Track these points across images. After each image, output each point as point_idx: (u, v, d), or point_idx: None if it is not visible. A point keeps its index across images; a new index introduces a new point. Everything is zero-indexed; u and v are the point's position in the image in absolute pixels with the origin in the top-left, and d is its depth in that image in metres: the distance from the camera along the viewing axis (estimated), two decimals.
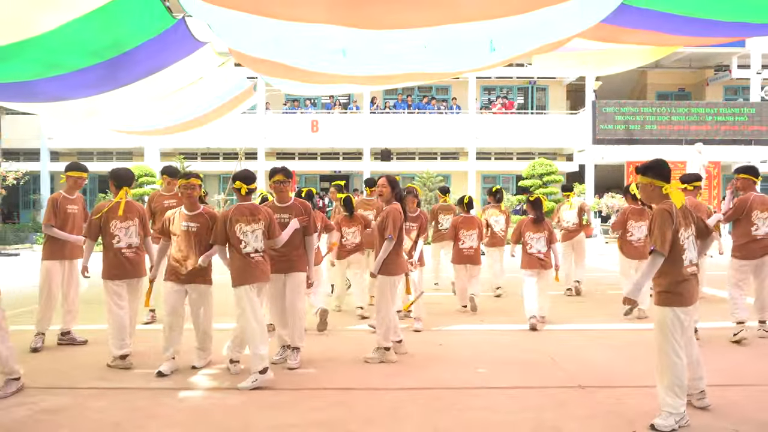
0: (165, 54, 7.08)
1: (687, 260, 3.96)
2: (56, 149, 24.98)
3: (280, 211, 5.36)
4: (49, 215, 6.22)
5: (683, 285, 3.92)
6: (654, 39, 8.28)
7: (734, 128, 22.81)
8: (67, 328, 6.33)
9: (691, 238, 4.01)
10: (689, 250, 3.98)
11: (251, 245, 4.91)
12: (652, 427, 3.78)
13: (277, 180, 5.43)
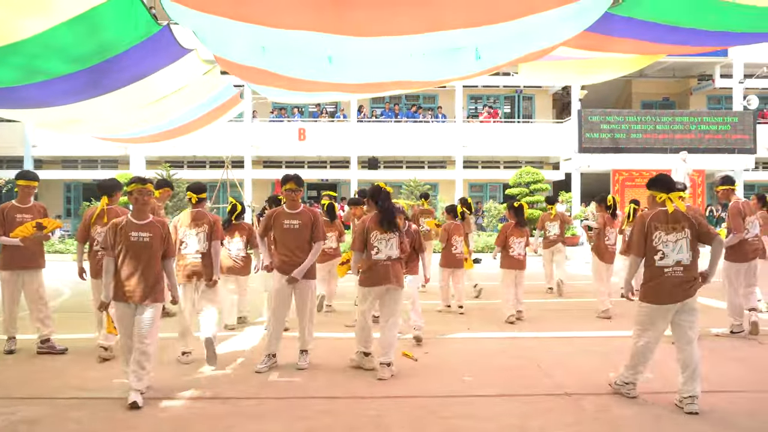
0: (150, 61, 7.03)
1: (664, 261, 4.35)
2: (40, 157, 24.74)
3: (290, 217, 5.49)
4: None
5: (655, 283, 4.37)
6: (639, 48, 8.36)
7: (718, 137, 23.06)
8: (45, 336, 6.23)
9: (680, 242, 4.35)
10: (671, 251, 4.34)
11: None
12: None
13: (289, 188, 5.54)
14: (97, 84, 7.21)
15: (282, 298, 5.53)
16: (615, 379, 4.68)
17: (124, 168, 24.21)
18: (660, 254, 4.36)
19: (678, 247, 4.35)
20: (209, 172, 24.40)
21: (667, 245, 4.35)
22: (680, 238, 4.36)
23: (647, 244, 4.41)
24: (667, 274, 4.34)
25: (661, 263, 4.36)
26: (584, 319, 7.92)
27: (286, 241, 5.47)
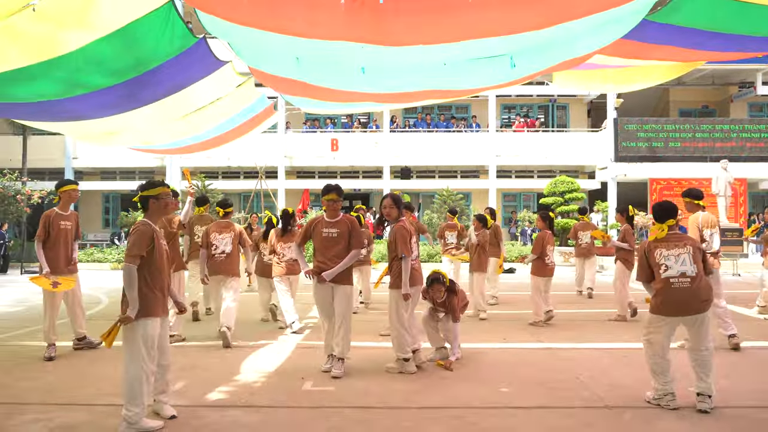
0: (186, 73, 7.14)
1: (669, 272, 4.58)
2: (80, 168, 25.37)
3: (329, 225, 5.73)
4: (41, 231, 6.44)
5: (663, 296, 4.57)
6: (677, 54, 8.18)
7: (760, 145, 22.44)
8: (81, 333, 6.67)
9: (682, 256, 4.61)
10: (674, 263, 4.58)
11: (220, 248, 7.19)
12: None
13: (330, 198, 5.81)
14: (134, 97, 7.34)
15: (322, 302, 5.73)
16: (651, 396, 4.62)
17: (160, 179, 24.64)
18: (664, 267, 4.61)
19: (681, 260, 4.60)
20: (243, 183, 24.69)
21: (669, 259, 4.61)
22: (682, 253, 4.62)
23: (650, 263, 4.70)
24: (674, 285, 4.55)
25: (666, 274, 4.58)
26: (622, 329, 7.74)
27: (324, 249, 5.67)
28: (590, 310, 9.56)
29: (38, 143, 23.97)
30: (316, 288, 5.72)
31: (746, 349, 6.57)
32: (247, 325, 8.30)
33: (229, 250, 7.24)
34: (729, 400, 4.64)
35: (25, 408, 4.58)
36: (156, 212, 4.42)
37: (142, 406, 4.07)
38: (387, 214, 5.88)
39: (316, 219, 5.87)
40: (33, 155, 23.20)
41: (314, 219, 5.89)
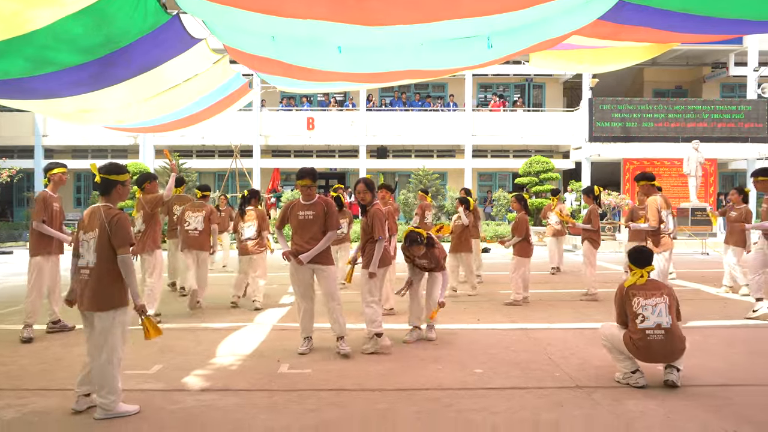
0: (159, 51, 7.01)
1: (646, 324, 4.58)
2: (50, 146, 24.85)
3: (305, 208, 5.72)
4: (40, 212, 6.51)
5: (636, 344, 4.58)
6: (652, 36, 8.24)
7: (731, 125, 22.81)
8: (56, 317, 6.69)
9: (659, 306, 4.62)
10: (651, 315, 4.60)
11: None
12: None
13: (304, 184, 5.71)
14: (107, 75, 7.19)
15: (299, 284, 5.75)
16: (620, 376, 4.75)
17: (133, 157, 24.29)
18: (641, 318, 4.62)
19: (657, 311, 4.62)
20: (218, 161, 24.45)
21: (647, 308, 4.63)
22: (659, 303, 4.65)
23: (627, 310, 4.71)
24: (650, 337, 4.56)
25: (643, 326, 4.59)
26: (593, 309, 7.89)
27: (300, 231, 5.68)
28: (562, 291, 9.71)
29: (6, 120, 23.40)
30: (294, 270, 5.73)
31: (712, 328, 6.75)
32: (224, 307, 8.27)
33: (201, 227, 8.15)
34: (695, 378, 4.77)
35: None
36: (118, 198, 4.32)
37: (119, 392, 4.06)
38: (361, 198, 5.92)
39: (292, 202, 5.88)
40: (1, 132, 22.67)
41: (291, 202, 5.90)
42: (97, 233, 4.12)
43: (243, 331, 6.74)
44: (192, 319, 7.46)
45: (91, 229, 4.15)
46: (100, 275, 4.10)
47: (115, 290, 4.11)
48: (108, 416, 4.01)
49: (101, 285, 4.09)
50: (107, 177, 4.25)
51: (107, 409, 4.01)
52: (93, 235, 4.13)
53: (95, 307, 4.09)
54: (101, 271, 4.10)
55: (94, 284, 4.10)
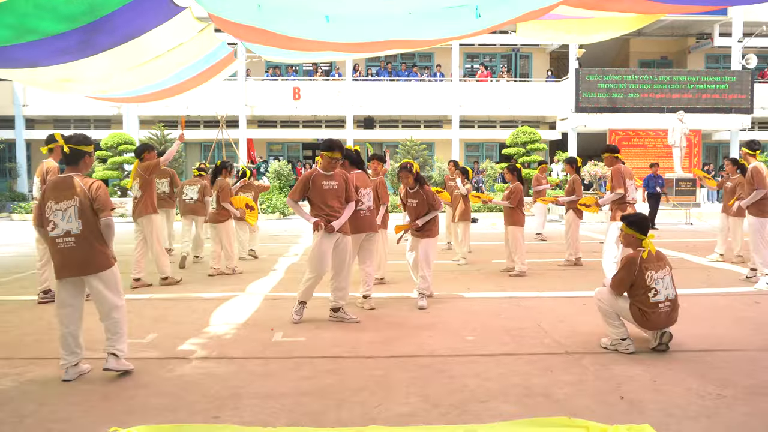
0: (143, 19, 6.90)
1: (658, 298, 4.63)
2: (32, 116, 24.42)
3: (328, 179, 5.79)
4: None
5: (645, 316, 4.63)
6: (638, 6, 8.23)
7: (715, 96, 22.95)
8: (47, 287, 6.65)
9: (666, 279, 4.71)
10: (662, 289, 4.66)
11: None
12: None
13: (334, 157, 5.75)
14: (89, 43, 7.07)
15: (327, 253, 5.74)
16: (607, 342, 4.84)
17: (117, 127, 23.97)
18: (654, 291, 4.64)
19: (665, 283, 4.69)
20: (204, 132, 24.20)
21: (658, 282, 4.66)
22: (666, 275, 4.73)
23: (637, 282, 4.67)
24: (661, 310, 4.64)
25: (656, 299, 4.64)
26: (581, 278, 8.02)
27: (327, 200, 5.72)
28: (551, 260, 9.83)
29: None
30: (325, 238, 5.67)
31: (697, 296, 6.89)
32: (216, 278, 8.30)
33: (196, 197, 9.58)
34: (681, 344, 4.89)
35: None
36: (85, 168, 4.42)
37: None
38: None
39: (312, 173, 5.80)
40: None
41: (309, 173, 5.82)
42: (77, 201, 4.20)
43: (235, 300, 6.78)
44: (184, 289, 7.48)
45: (65, 198, 4.21)
46: (90, 240, 4.21)
47: (106, 249, 4.31)
48: (119, 368, 4.22)
49: (94, 248, 4.23)
50: (76, 147, 4.36)
51: (121, 356, 4.25)
52: (71, 204, 4.20)
53: (94, 269, 4.22)
54: (90, 236, 4.22)
55: (87, 249, 4.20)
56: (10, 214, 19.98)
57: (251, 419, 3.49)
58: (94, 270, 4.23)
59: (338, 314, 5.83)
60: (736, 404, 3.69)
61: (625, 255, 4.90)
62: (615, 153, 7.81)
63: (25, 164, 23.99)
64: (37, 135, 24.45)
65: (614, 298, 4.79)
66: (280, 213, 19.16)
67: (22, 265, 9.41)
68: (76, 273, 4.23)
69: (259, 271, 8.63)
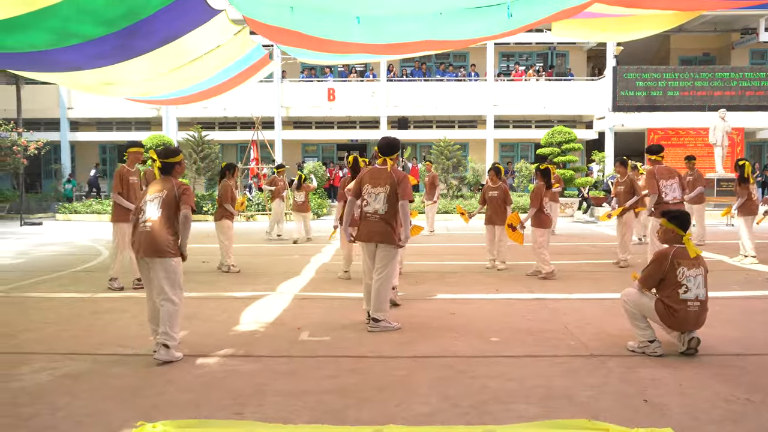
0: (180, 22, 7.07)
1: (688, 296, 4.58)
2: (76, 119, 25.18)
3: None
4: (117, 185, 7.46)
5: (673, 313, 4.58)
6: (678, 3, 8.08)
7: (760, 93, 22.26)
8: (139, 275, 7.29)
9: (699, 278, 4.63)
10: (693, 287, 4.60)
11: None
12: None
13: (396, 156, 5.72)
14: (128, 47, 7.29)
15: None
16: (635, 345, 4.79)
17: (156, 129, 24.53)
18: (684, 288, 4.59)
19: (697, 282, 4.62)
20: (240, 133, 24.60)
21: (690, 280, 4.60)
22: (699, 274, 4.65)
23: (668, 276, 4.62)
24: (690, 308, 4.58)
25: (686, 296, 4.59)
26: (610, 280, 7.90)
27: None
28: (582, 261, 9.72)
29: (32, 93, 23.72)
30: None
31: (730, 298, 6.73)
32: (248, 276, 8.46)
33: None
34: (711, 347, 4.80)
35: (30, 357, 4.73)
36: (176, 175, 5.01)
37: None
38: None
39: (364, 172, 5.81)
40: (27, 105, 22.99)
41: (363, 172, 5.83)
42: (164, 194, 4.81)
43: (265, 299, 6.90)
44: (216, 287, 7.64)
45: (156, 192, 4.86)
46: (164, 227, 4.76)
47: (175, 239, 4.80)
48: (169, 357, 4.58)
49: (170, 237, 4.75)
50: (166, 161, 4.98)
51: (172, 346, 4.64)
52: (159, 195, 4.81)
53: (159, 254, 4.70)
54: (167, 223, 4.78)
55: (173, 237, 4.77)
56: (54, 214, 20.64)
57: (273, 416, 3.56)
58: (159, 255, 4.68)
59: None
60: (765, 409, 3.61)
61: (658, 250, 4.84)
62: (652, 155, 8.01)
63: (69, 166, 24.74)
64: (82, 137, 25.21)
65: (640, 295, 4.73)
66: (314, 214, 19.34)
67: (64, 264, 9.74)
68: (147, 254, 4.70)
69: (290, 272, 8.75)
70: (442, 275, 8.37)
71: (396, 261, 5.70)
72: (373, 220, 5.52)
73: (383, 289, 5.51)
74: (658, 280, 4.66)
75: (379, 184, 5.53)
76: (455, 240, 13.09)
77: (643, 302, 4.73)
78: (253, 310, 6.40)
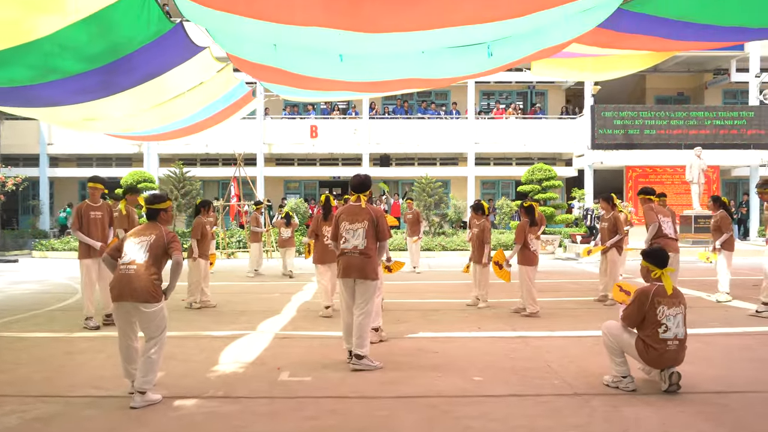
0: (163, 59, 7.08)
1: (667, 336, 4.57)
2: (56, 155, 24.97)
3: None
4: (75, 221, 7.34)
5: (652, 352, 4.58)
6: (652, 44, 8.29)
7: (733, 132, 22.76)
8: (109, 311, 7.38)
9: (678, 317, 4.62)
10: (673, 326, 4.59)
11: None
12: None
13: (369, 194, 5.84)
14: (110, 83, 7.27)
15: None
16: (609, 379, 4.82)
17: (138, 165, 24.39)
18: (664, 327, 4.59)
19: (677, 322, 4.62)
20: (222, 170, 24.54)
21: (670, 319, 4.60)
22: (678, 313, 4.64)
23: (648, 316, 4.62)
24: (669, 347, 4.59)
25: (665, 336, 4.58)
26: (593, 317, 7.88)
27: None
28: (564, 299, 9.72)
29: (12, 128, 23.54)
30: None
31: (713, 335, 6.75)
32: (227, 315, 8.33)
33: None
34: (694, 385, 4.78)
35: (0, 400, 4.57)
36: (162, 222, 4.91)
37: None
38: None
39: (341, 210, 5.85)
40: (7, 141, 22.82)
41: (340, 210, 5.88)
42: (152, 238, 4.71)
43: (245, 339, 6.77)
44: (194, 326, 7.49)
45: (143, 235, 4.76)
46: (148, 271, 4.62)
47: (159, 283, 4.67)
48: (144, 403, 4.42)
49: (155, 283, 4.62)
50: (151, 207, 4.90)
51: (147, 392, 4.48)
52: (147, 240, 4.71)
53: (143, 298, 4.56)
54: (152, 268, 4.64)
55: (156, 281, 4.62)
56: (30, 251, 20.28)
57: None
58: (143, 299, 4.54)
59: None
60: None
61: (639, 288, 4.85)
62: (646, 195, 8.04)
63: (48, 202, 24.44)
64: (61, 173, 24.97)
65: (621, 330, 4.76)
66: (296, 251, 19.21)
67: (39, 302, 9.52)
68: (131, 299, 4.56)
69: (271, 310, 8.62)
70: (425, 313, 8.30)
71: (376, 296, 5.70)
72: (351, 256, 5.54)
73: (365, 324, 5.48)
74: (640, 318, 4.66)
75: (357, 221, 5.59)
76: (437, 277, 13.05)
77: (623, 338, 4.74)
78: (232, 349, 6.27)
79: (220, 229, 18.41)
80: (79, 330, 7.18)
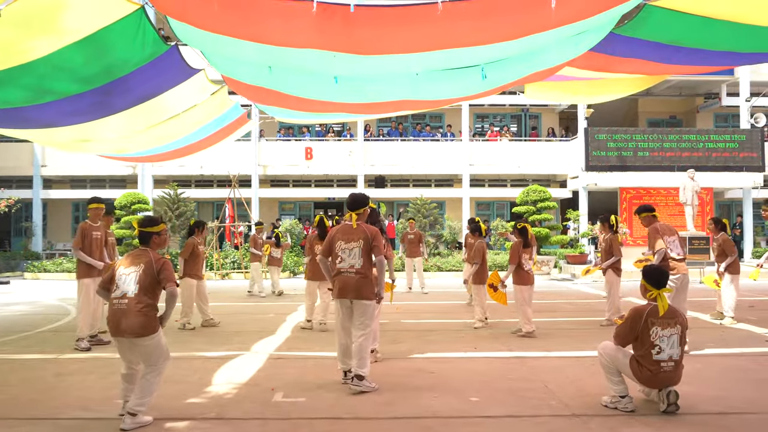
0: (158, 81, 7.10)
1: (661, 357, 4.53)
2: (49, 176, 24.91)
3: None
4: (78, 240, 7.41)
5: (645, 373, 4.56)
6: (643, 68, 8.37)
7: (725, 155, 22.94)
8: (95, 332, 7.57)
9: (673, 338, 4.59)
10: (666, 347, 4.56)
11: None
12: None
13: (363, 212, 5.70)
14: (106, 104, 7.28)
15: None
16: (608, 400, 4.77)
17: (132, 187, 24.34)
18: (657, 349, 4.56)
19: (671, 342, 4.59)
20: (216, 191, 24.51)
21: (663, 340, 4.57)
22: (673, 333, 4.61)
23: (641, 336, 4.59)
24: (663, 369, 4.55)
25: (658, 357, 4.55)
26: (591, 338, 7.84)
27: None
28: (561, 319, 9.67)
29: (5, 150, 23.51)
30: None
31: (710, 356, 6.72)
32: (221, 336, 8.25)
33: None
34: (693, 406, 4.74)
35: None
36: (155, 246, 4.76)
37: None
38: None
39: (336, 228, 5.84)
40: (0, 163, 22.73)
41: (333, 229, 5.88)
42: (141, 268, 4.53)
43: (239, 359, 6.70)
44: (188, 347, 7.41)
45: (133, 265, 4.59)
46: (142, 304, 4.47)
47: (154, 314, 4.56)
48: (135, 425, 4.33)
49: (150, 312, 4.50)
50: (143, 230, 4.75)
51: (140, 415, 4.39)
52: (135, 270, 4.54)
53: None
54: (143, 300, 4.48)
55: (151, 311, 4.51)
56: (23, 272, 20.13)
57: None
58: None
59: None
60: None
61: (633, 307, 4.83)
62: (651, 212, 7.43)
63: (41, 224, 24.33)
64: (54, 195, 24.89)
65: (616, 350, 4.72)
66: (290, 272, 19.14)
67: (31, 324, 9.42)
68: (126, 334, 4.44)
69: (265, 331, 8.55)
70: (421, 333, 8.25)
71: (376, 315, 5.65)
72: (348, 275, 5.47)
73: (366, 345, 5.41)
74: (633, 338, 4.64)
75: (352, 240, 5.52)
76: (433, 298, 12.99)
77: (618, 357, 4.72)
78: (226, 370, 6.20)
79: (213, 250, 18.36)
80: (70, 351, 7.10)
